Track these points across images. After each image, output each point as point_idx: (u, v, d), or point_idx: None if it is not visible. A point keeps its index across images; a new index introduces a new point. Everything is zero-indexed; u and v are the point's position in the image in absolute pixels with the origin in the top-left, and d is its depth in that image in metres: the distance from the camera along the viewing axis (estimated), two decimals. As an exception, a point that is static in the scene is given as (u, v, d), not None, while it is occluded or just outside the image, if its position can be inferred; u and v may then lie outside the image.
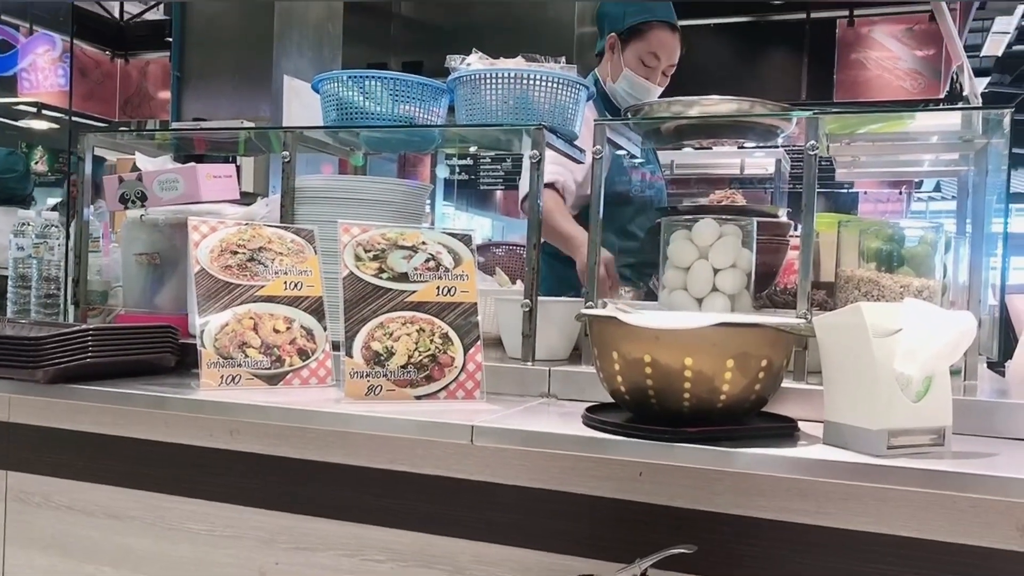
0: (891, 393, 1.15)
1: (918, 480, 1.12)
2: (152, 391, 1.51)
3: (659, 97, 2.58)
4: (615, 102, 2.60)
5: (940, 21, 1.83)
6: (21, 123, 8.06)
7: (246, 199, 2.11)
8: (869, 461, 1.13)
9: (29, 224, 1.95)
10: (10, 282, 1.98)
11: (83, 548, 1.73)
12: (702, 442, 1.19)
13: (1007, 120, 1.45)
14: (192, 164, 1.86)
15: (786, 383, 1.39)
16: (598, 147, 1.60)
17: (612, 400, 1.34)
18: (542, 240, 2.50)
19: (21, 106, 7.68)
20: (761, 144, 2.12)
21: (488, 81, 1.71)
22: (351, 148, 2.04)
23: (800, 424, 1.32)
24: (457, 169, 8.26)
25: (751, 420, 1.30)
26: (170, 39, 4.88)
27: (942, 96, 6.83)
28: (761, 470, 1.19)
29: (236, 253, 1.58)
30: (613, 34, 2.55)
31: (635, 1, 2.59)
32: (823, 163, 2.03)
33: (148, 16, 8.67)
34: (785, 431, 1.29)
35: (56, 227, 1.99)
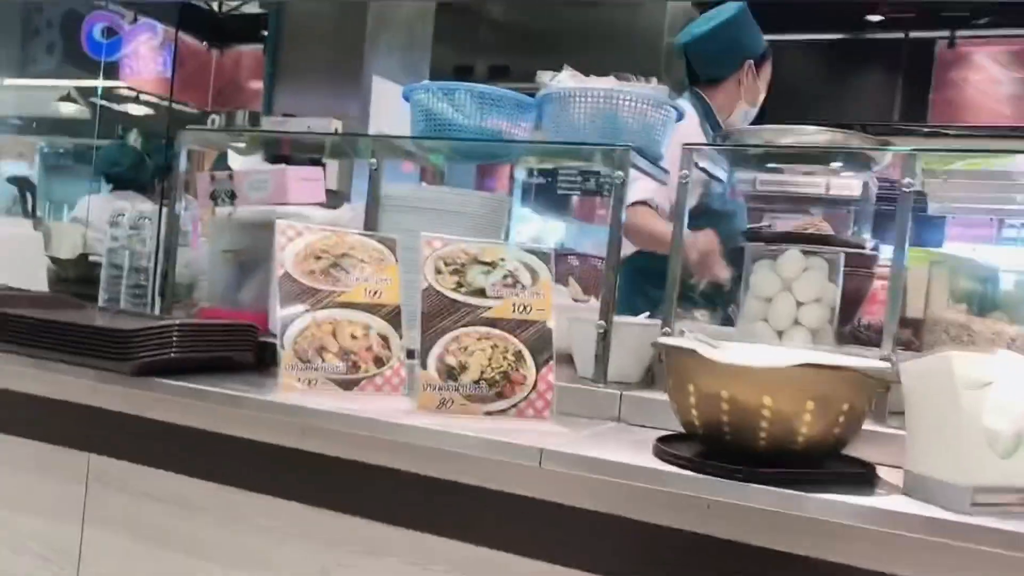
0: (978, 448, 1.11)
1: (1003, 541, 1.07)
2: (230, 389, 1.55)
3: (762, 112, 2.59)
4: (730, 127, 2.59)
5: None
6: (120, 107, 8.36)
7: (329, 198, 2.15)
8: (952, 517, 1.09)
9: (124, 215, 2.02)
10: (103, 271, 2.06)
11: (155, 534, 1.78)
12: (777, 484, 1.16)
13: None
14: (282, 166, 1.90)
15: (867, 424, 1.34)
16: (684, 172, 1.58)
17: (683, 430, 1.33)
18: (640, 251, 2.51)
19: (121, 90, 7.97)
20: (850, 172, 2.07)
21: (577, 99, 1.71)
22: (436, 156, 2.06)
23: (880, 470, 1.28)
24: (535, 173, 8.28)
25: (829, 463, 1.27)
26: (264, 33, 5.01)
27: (1045, 125, 6.55)
28: (836, 517, 1.16)
29: (320, 258, 1.61)
30: (750, 60, 2.57)
31: (754, 24, 2.62)
32: (917, 195, 1.97)
33: (245, 9, 8.91)
34: (864, 477, 1.25)
35: (148, 219, 2.06)
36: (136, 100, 8.23)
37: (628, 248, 2.57)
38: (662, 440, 1.32)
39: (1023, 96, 6.74)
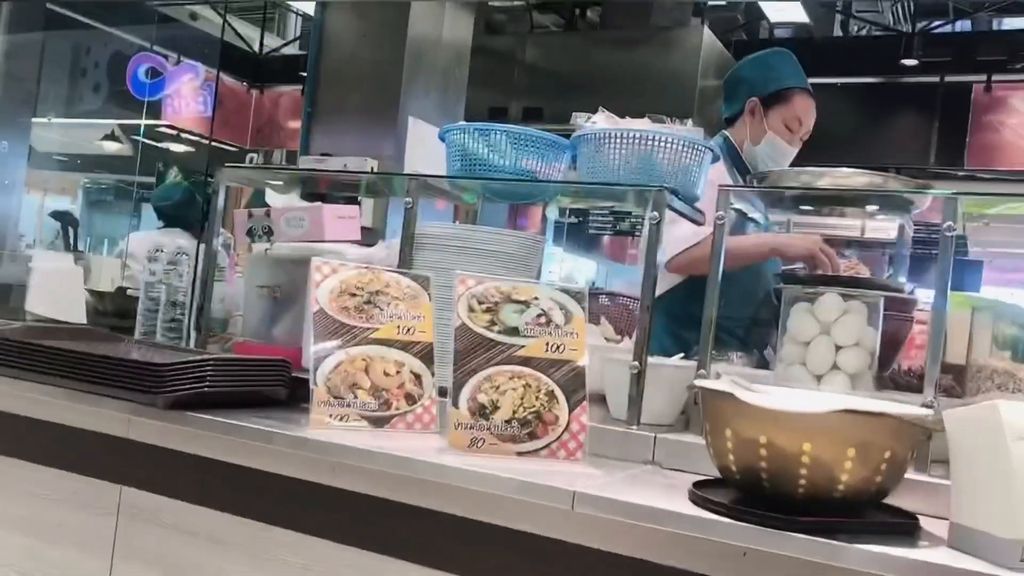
0: (1028, 501, 1.07)
1: (1054, 599, 1.03)
2: (262, 424, 1.55)
3: (794, 161, 2.60)
4: (750, 165, 2.62)
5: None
6: (161, 145, 8.55)
7: (364, 235, 2.16)
8: (1000, 573, 1.05)
9: (162, 251, 2.05)
10: (140, 305, 2.09)
11: (184, 568, 1.77)
12: (816, 533, 1.13)
13: None
14: (319, 204, 1.92)
15: (908, 473, 1.31)
16: (721, 212, 1.57)
17: (720, 475, 1.30)
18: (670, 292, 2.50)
19: (162, 128, 8.16)
20: (887, 215, 2.05)
21: (612, 140, 1.71)
22: (470, 195, 2.06)
23: (922, 520, 1.25)
24: (567, 212, 8.31)
25: (869, 512, 1.23)
26: (303, 74, 5.10)
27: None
28: (878, 570, 1.12)
29: (354, 295, 1.61)
30: (755, 98, 2.59)
31: (776, 66, 2.65)
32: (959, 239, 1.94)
33: (285, 51, 9.11)
34: (906, 528, 1.22)
35: (186, 255, 2.08)
36: (176, 138, 8.42)
37: (659, 286, 2.55)
38: (698, 485, 1.29)
39: (1062, 141, 6.66)
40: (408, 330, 1.63)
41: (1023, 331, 1.59)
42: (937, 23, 7.46)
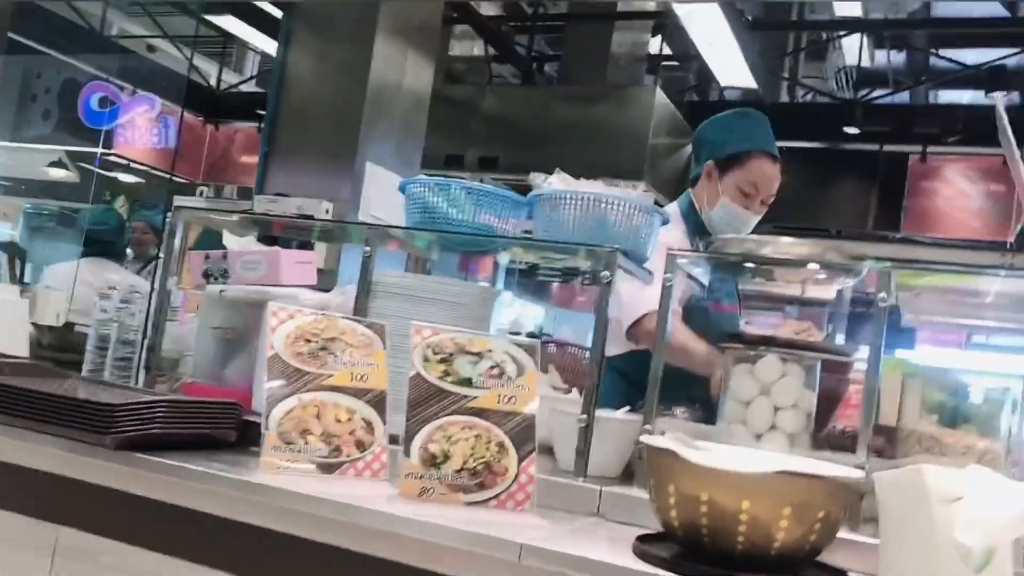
0: (950, 563, 1.13)
1: (973, 658, 1.09)
2: (210, 467, 1.55)
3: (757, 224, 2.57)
4: (709, 228, 2.56)
5: (1013, 170, 1.84)
6: (111, 174, 8.45)
7: (319, 277, 2.18)
8: (923, 631, 1.10)
9: (115, 289, 2.04)
10: (90, 342, 2.07)
11: (121, 612, 1.74)
12: (752, 589, 1.18)
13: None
14: (276, 249, 1.94)
15: (841, 532, 1.37)
16: (668, 275, 1.63)
17: (663, 529, 1.34)
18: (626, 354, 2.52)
19: (112, 157, 8.07)
20: (825, 281, 2.13)
21: (568, 201, 1.77)
22: (426, 244, 2.10)
23: (852, 577, 1.30)
24: (518, 260, 8.39)
25: (803, 569, 1.28)
26: (260, 111, 5.12)
27: (1011, 239, 6.76)
28: (810, 625, 1.17)
29: (309, 341, 1.63)
30: (711, 161, 2.52)
31: (735, 129, 2.57)
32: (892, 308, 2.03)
33: (242, 88, 9.11)
34: (837, 586, 1.27)
35: (139, 293, 2.08)
36: (127, 169, 8.33)
37: (612, 348, 2.59)
38: (642, 539, 1.33)
39: (991, 211, 6.97)
40: (362, 377, 1.65)
41: (951, 397, 1.66)
42: (878, 93, 7.79)
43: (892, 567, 1.20)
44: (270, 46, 6.73)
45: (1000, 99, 1.78)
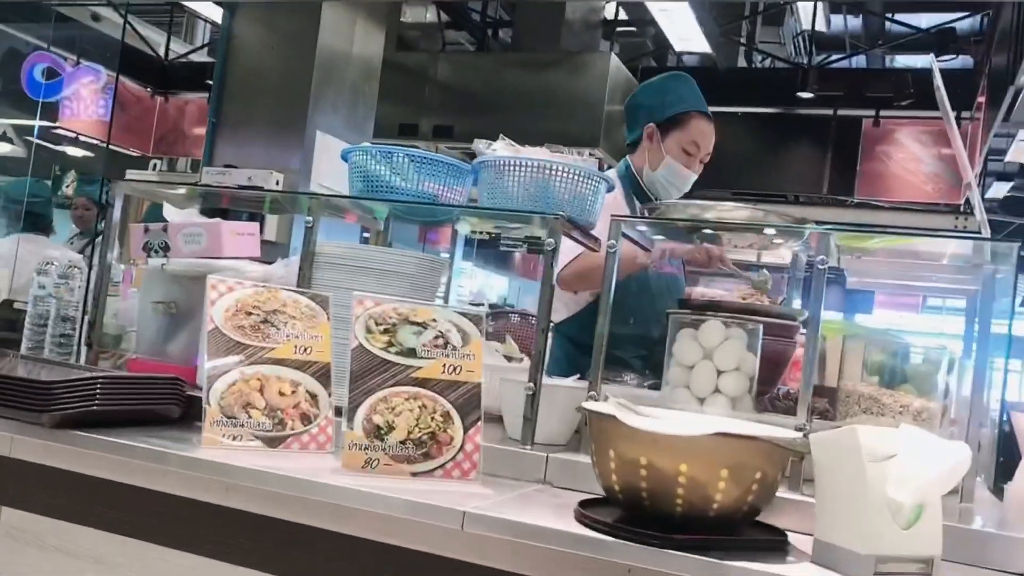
0: (881, 518, 1.15)
1: (903, 610, 1.11)
2: (153, 444, 1.53)
3: (694, 184, 2.63)
4: (648, 190, 2.63)
5: (952, 140, 1.87)
6: (58, 148, 8.24)
7: (268, 249, 2.15)
8: (856, 586, 1.13)
9: (53, 264, 2.00)
10: (28, 319, 2.02)
11: (68, 591, 1.72)
12: (691, 550, 1.19)
13: (1015, 253, 1.47)
14: (217, 220, 1.90)
15: (781, 491, 1.39)
16: (612, 242, 1.63)
17: (605, 494, 1.35)
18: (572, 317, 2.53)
19: (59, 131, 7.86)
20: (776, 244, 2.15)
21: (512, 168, 1.76)
22: (374, 214, 2.08)
23: (792, 536, 1.32)
24: (478, 231, 8.36)
25: (743, 530, 1.30)
26: (210, 82, 5.01)
27: (961, 202, 6.88)
28: (747, 584, 1.19)
29: (251, 314, 1.61)
30: (652, 124, 2.59)
31: (671, 91, 2.65)
32: (837, 270, 2.05)
33: (192, 57, 8.91)
34: (775, 545, 1.29)
35: (78, 268, 2.03)
36: (75, 142, 8.13)
37: (560, 314, 2.61)
38: (584, 504, 1.34)
39: (943, 174, 7.08)
40: (305, 350, 1.64)
41: (890, 358, 1.69)
42: (835, 57, 7.84)
43: (827, 524, 1.22)
44: (219, 15, 6.58)
45: (935, 63, 1.80)
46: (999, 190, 9.82)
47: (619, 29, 7.60)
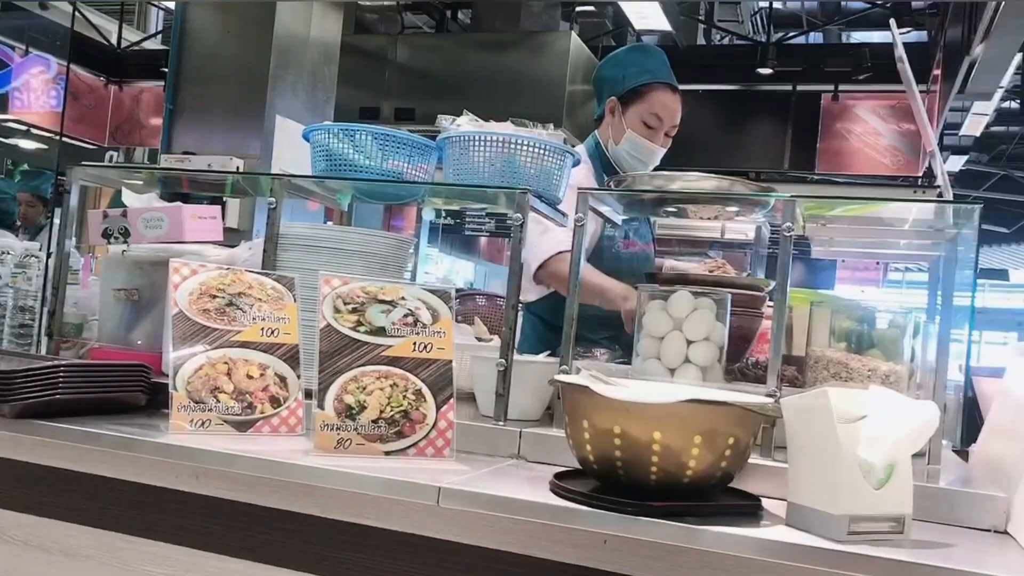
0: (853, 479, 1.17)
1: (876, 568, 1.13)
2: (120, 432, 1.50)
3: (663, 158, 2.62)
4: (616, 165, 2.61)
5: (914, 109, 1.89)
6: (10, 141, 8.06)
7: (230, 236, 2.12)
8: (829, 546, 1.14)
9: (9, 253, 1.95)
10: (-15, 310, 1.98)
11: (37, 585, 1.69)
12: (667, 517, 1.20)
13: (977, 214, 1.49)
14: (178, 204, 1.87)
15: (753, 458, 1.40)
16: (580, 215, 1.63)
17: (580, 466, 1.35)
18: (544, 297, 2.52)
19: (10, 123, 7.69)
20: (741, 217, 2.17)
21: (476, 143, 1.74)
22: (337, 196, 2.06)
23: (765, 501, 1.34)
24: (443, 214, 8.33)
25: (717, 496, 1.31)
26: (165, 69, 4.92)
27: (920, 174, 6.98)
28: (724, 548, 1.20)
29: (215, 297, 1.59)
30: (613, 97, 2.56)
31: (633, 64, 2.61)
32: (801, 240, 2.07)
33: (146, 45, 8.74)
34: (749, 509, 1.30)
35: (36, 257, 1.99)
36: (27, 134, 7.95)
37: (530, 293, 2.60)
38: (558, 476, 1.34)
39: (901, 148, 7.18)
40: (272, 332, 1.62)
41: (857, 324, 1.71)
42: (792, 34, 7.90)
43: (800, 487, 1.24)
44: (172, 1, 6.46)
45: (895, 27, 1.81)
46: (955, 163, 9.99)
47: (579, 9, 7.58)
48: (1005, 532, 1.30)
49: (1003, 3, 3.87)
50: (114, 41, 8.40)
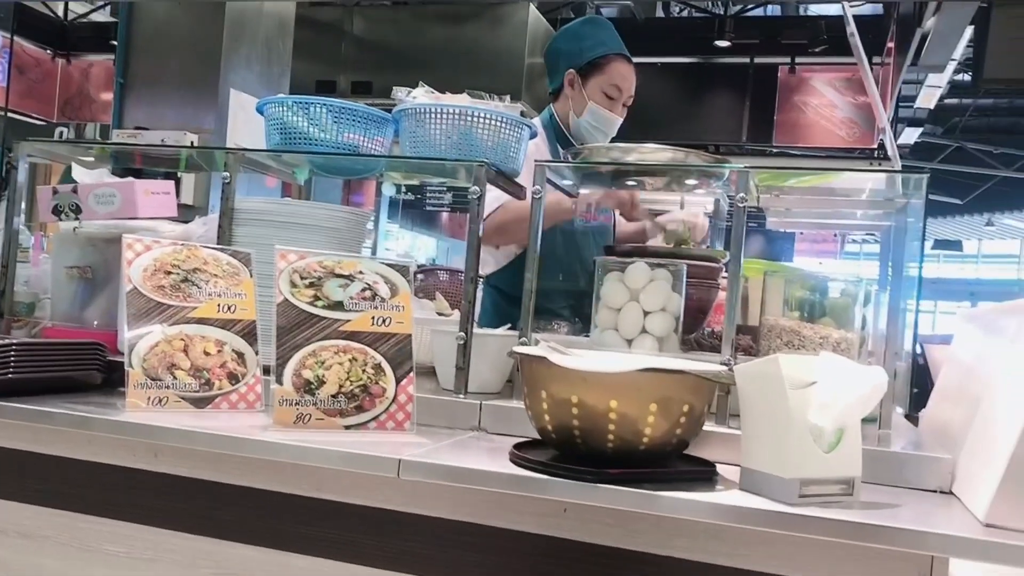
0: (804, 443, 1.20)
1: (826, 529, 1.16)
2: (75, 410, 1.48)
3: (621, 131, 2.65)
4: (572, 138, 2.64)
5: (866, 83, 1.91)
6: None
7: (185, 213, 2.09)
8: (781, 509, 1.17)
9: (-44, 231, 1.91)
10: (-68, 289, 1.93)
11: (-6, 567, 1.68)
12: (624, 484, 1.22)
13: (924, 183, 1.52)
14: (130, 179, 1.84)
15: (709, 426, 1.43)
16: (537, 187, 1.63)
17: (539, 436, 1.37)
18: (501, 270, 2.53)
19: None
20: (699, 189, 2.19)
21: (433, 116, 1.74)
22: (293, 170, 2.04)
23: (721, 467, 1.36)
24: (403, 189, 8.28)
25: (673, 463, 1.34)
26: (115, 42, 4.81)
27: (875, 146, 7.08)
28: (680, 513, 1.23)
29: (170, 273, 1.57)
30: (572, 70, 2.59)
31: (588, 36, 2.64)
32: (757, 211, 2.10)
33: (94, 17, 8.52)
34: (704, 475, 1.33)
35: (-16, 235, 1.95)
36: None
37: (489, 266, 2.61)
38: (518, 446, 1.35)
39: (857, 120, 7.27)
40: (229, 308, 1.60)
41: (809, 293, 1.74)
42: (750, 6, 7.93)
43: (753, 452, 1.26)
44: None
45: (847, 5, 1.83)
46: (910, 136, 10.14)
47: (536, -19, 7.53)
48: (951, 492, 1.35)
49: (954, -24, 3.92)
50: (60, 13, 8.18)
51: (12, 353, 1.52)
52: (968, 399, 1.51)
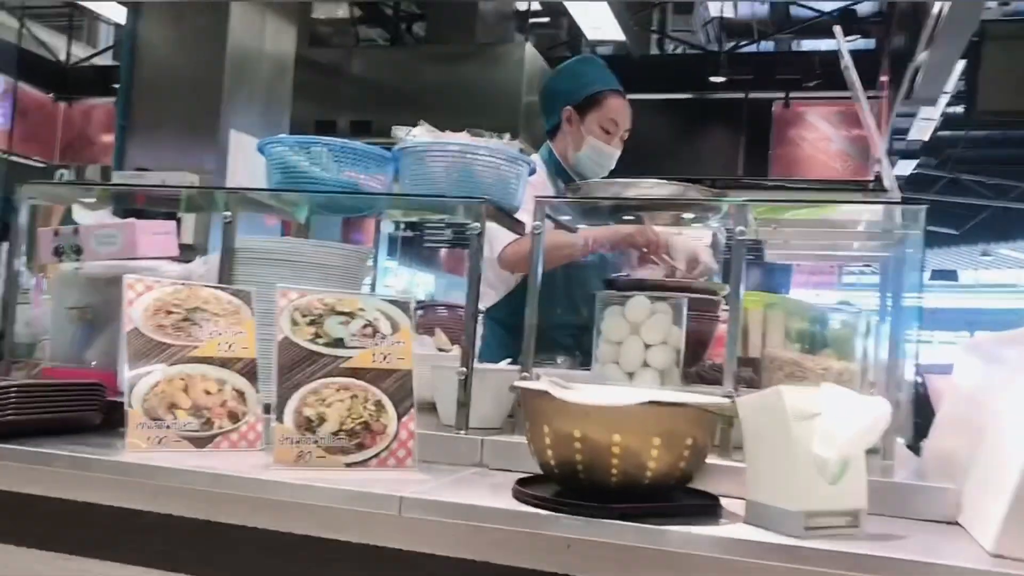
0: (808, 475, 1.19)
1: (834, 561, 1.15)
2: (74, 452, 1.48)
3: (619, 167, 2.69)
4: (573, 174, 2.69)
5: (861, 116, 1.93)
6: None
7: (186, 252, 2.10)
8: (787, 542, 1.16)
9: (-43, 273, 1.91)
10: (-67, 332, 1.93)
11: (-9, 612, 1.66)
12: (628, 518, 1.21)
13: (923, 214, 1.53)
14: (131, 220, 1.85)
15: (712, 458, 1.42)
16: (537, 223, 1.64)
17: (541, 471, 1.36)
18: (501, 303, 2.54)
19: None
20: (697, 223, 2.20)
21: (433, 154, 1.75)
22: (294, 209, 2.05)
23: (724, 500, 1.35)
24: (402, 226, 8.31)
25: (677, 496, 1.33)
26: (116, 86, 4.86)
27: (871, 178, 7.13)
28: (685, 548, 1.21)
29: (171, 313, 1.57)
30: (569, 107, 2.67)
31: (584, 74, 2.73)
32: (755, 243, 2.11)
33: (95, 61, 8.62)
34: (708, 509, 1.32)
35: (-16, 277, 1.95)
36: (-27, 154, 7.77)
37: (489, 299, 2.61)
38: (521, 482, 1.35)
39: (851, 153, 7.32)
40: (229, 347, 1.60)
41: (809, 325, 1.75)
42: (744, 43, 8.03)
43: (757, 485, 1.26)
44: (122, 15, 6.37)
45: (840, 33, 1.85)
46: (905, 168, 10.21)
47: (532, 20, 7.63)
48: (956, 523, 1.34)
49: (944, 11, 3.98)
50: (62, 57, 8.27)
51: (12, 395, 1.51)
52: (971, 429, 1.50)
